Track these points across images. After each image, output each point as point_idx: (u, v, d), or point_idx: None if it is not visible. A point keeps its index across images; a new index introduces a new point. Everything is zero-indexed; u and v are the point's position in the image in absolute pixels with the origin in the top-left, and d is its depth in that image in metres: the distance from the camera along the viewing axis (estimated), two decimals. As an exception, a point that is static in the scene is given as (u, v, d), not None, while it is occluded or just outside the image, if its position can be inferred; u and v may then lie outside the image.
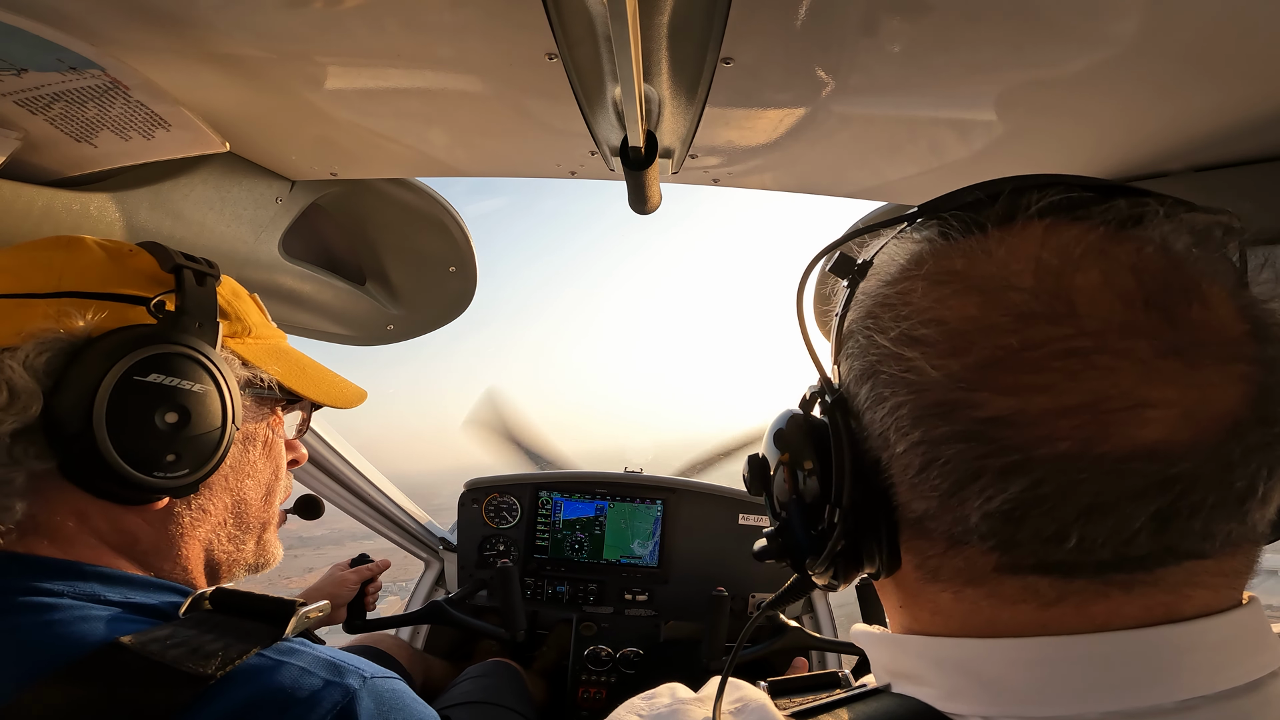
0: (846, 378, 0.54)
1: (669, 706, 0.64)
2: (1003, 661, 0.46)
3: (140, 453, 0.73)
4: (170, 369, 0.75)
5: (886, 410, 0.48)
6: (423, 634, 2.41)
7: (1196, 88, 0.74)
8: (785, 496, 0.57)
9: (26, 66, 0.79)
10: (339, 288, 1.65)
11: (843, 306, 0.57)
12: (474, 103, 1.01)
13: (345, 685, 0.68)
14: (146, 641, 0.64)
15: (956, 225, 0.50)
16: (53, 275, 0.75)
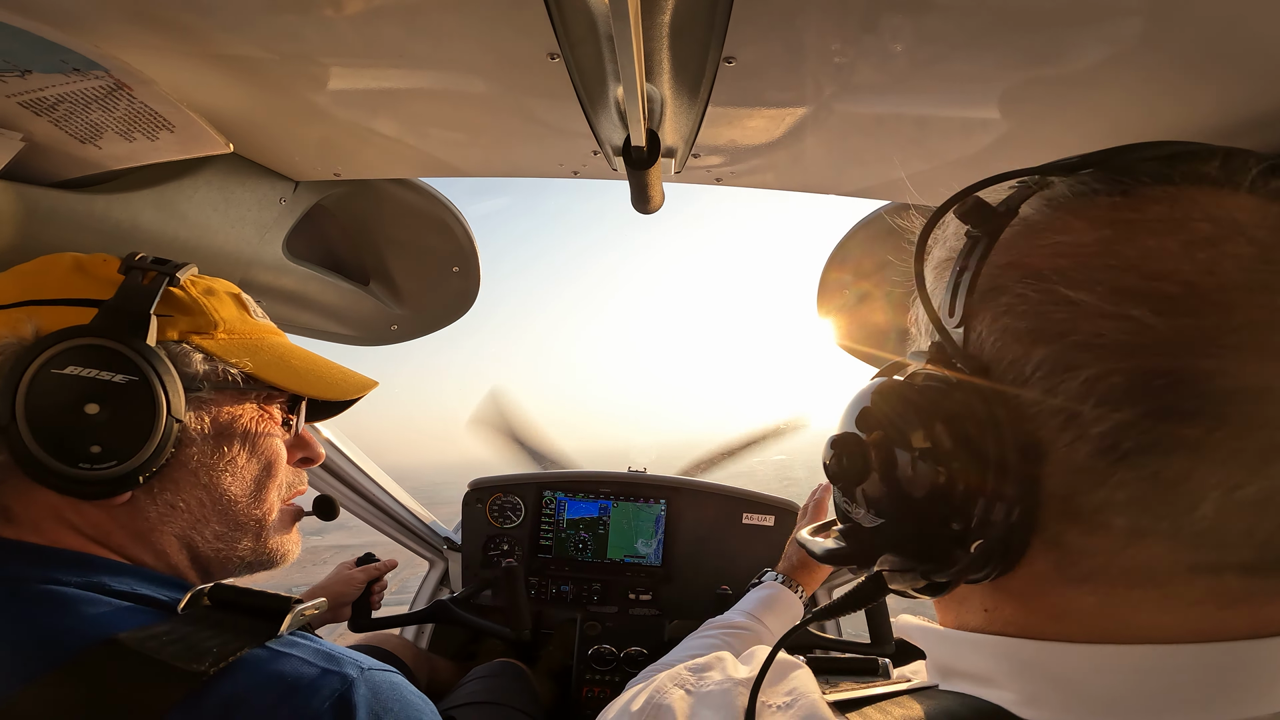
0: (989, 341, 0.47)
1: (720, 685, 0.62)
2: (1163, 669, 0.41)
3: (62, 444, 0.74)
4: (87, 360, 0.75)
5: (1080, 381, 0.41)
6: (427, 634, 2.41)
7: (1202, 84, 0.73)
8: (902, 487, 0.49)
9: (30, 68, 0.79)
10: (343, 288, 1.65)
11: (975, 259, 0.50)
12: (476, 103, 1.01)
13: (343, 674, 0.69)
14: (144, 638, 0.65)
15: (1151, 178, 0.46)
16: (16, 287, 0.79)
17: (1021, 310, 0.46)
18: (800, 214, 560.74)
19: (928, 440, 0.48)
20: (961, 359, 0.48)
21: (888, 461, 0.50)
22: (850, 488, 0.53)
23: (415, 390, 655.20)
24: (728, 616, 1.37)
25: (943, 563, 0.48)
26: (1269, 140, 0.76)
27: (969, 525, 0.46)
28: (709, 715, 0.59)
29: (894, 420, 0.50)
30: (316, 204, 1.44)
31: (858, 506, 0.53)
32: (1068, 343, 0.42)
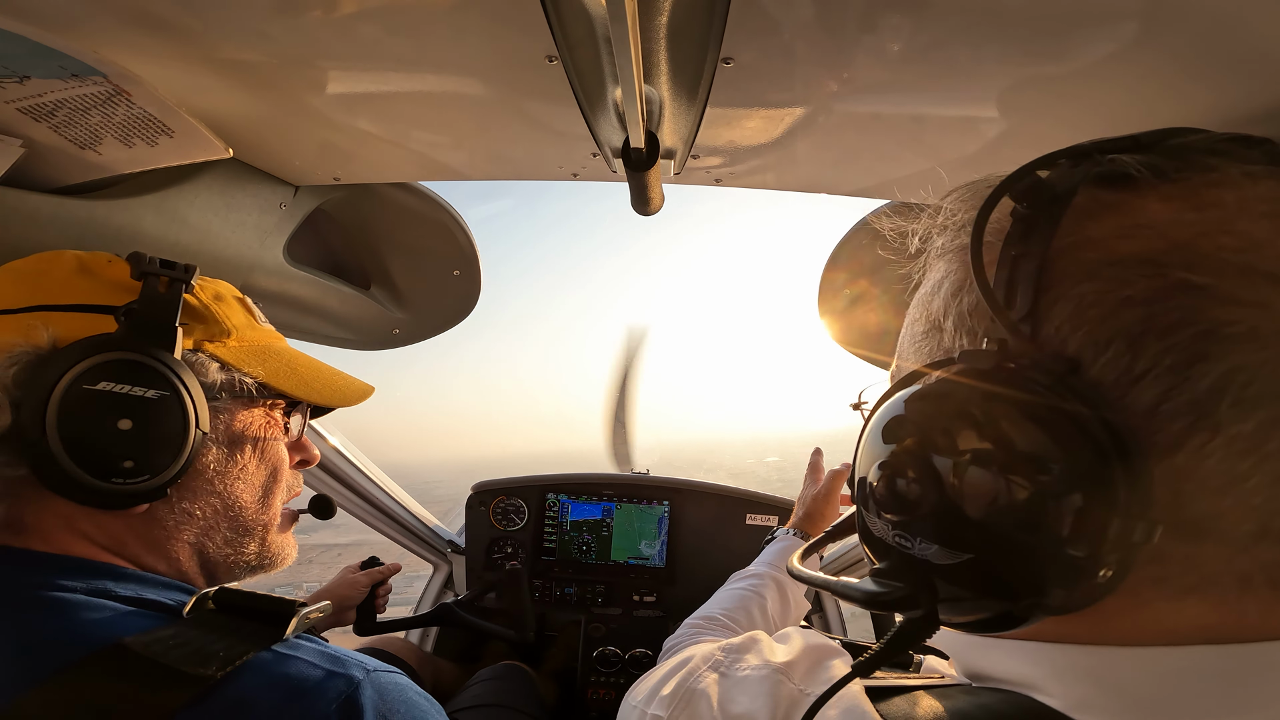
0: (1075, 335, 0.41)
1: (757, 670, 0.60)
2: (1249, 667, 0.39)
3: (96, 459, 0.73)
4: (120, 376, 0.75)
5: (1213, 376, 0.37)
6: (432, 637, 2.41)
7: (1199, 81, 0.73)
8: (985, 513, 0.41)
9: (29, 73, 0.79)
10: (344, 293, 1.65)
11: (1036, 244, 0.44)
12: (475, 106, 1.01)
13: (349, 676, 0.69)
14: (149, 642, 0.65)
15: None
16: (23, 290, 0.77)
17: (1123, 297, 0.40)
18: (802, 213, 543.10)
19: (1017, 455, 0.40)
20: (1041, 356, 0.41)
21: (965, 484, 0.42)
22: (912, 518, 0.45)
23: (410, 388, 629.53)
24: (752, 568, 1.38)
25: (1031, 608, 0.42)
26: (1265, 133, 0.76)
27: (1070, 567, 0.39)
28: (745, 701, 0.57)
29: (968, 431, 0.42)
30: (317, 208, 1.44)
31: (920, 541, 0.44)
32: (1193, 333, 0.38)
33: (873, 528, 0.48)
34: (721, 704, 0.59)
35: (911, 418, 0.46)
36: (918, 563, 0.44)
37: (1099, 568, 0.39)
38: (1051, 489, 0.39)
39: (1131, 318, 0.40)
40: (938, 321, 0.52)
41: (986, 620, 0.44)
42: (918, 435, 0.45)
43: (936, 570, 0.44)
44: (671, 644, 1.15)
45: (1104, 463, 0.38)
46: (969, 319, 0.49)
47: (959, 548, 0.42)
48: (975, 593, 0.43)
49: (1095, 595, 0.40)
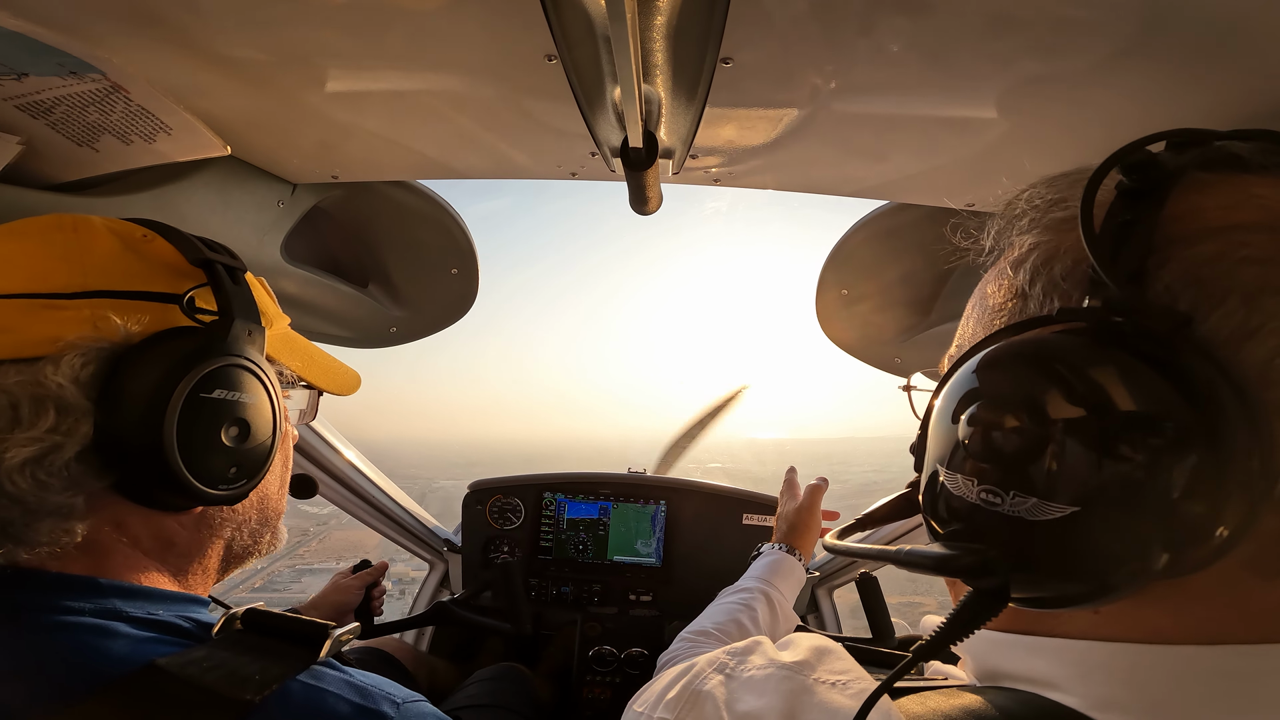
0: (1186, 293, 0.41)
1: (763, 670, 0.60)
2: None
3: (207, 468, 0.71)
4: (231, 384, 0.73)
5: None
6: (427, 636, 2.41)
7: (1200, 81, 0.74)
8: (1087, 468, 0.39)
9: (27, 71, 0.79)
10: (342, 291, 1.65)
11: (1145, 211, 0.44)
12: (474, 105, 1.01)
13: (380, 713, 0.67)
14: (184, 664, 0.63)
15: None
16: (74, 270, 0.69)
17: (1241, 257, 0.40)
18: (800, 215, 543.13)
19: (1129, 405, 0.39)
20: (1152, 311, 0.41)
21: (1072, 434, 0.40)
22: (1007, 472, 0.43)
23: (403, 387, 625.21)
24: (741, 583, 1.39)
25: (1137, 571, 0.40)
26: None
27: (1189, 522, 0.38)
28: (752, 700, 0.57)
29: (1075, 382, 0.41)
30: (315, 206, 1.44)
31: (1015, 495, 0.42)
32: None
33: (953, 489, 0.47)
34: (728, 704, 0.58)
35: (1005, 370, 0.45)
36: (1006, 521, 0.43)
37: (1216, 525, 0.38)
38: (1165, 441, 0.38)
39: (1248, 275, 0.40)
40: (1022, 290, 0.51)
41: (1068, 592, 0.43)
42: (1014, 386, 0.44)
43: (1028, 529, 0.42)
44: (666, 659, 1.15)
45: (1220, 415, 0.38)
46: (1063, 283, 0.48)
47: (1060, 499, 0.41)
48: (1069, 554, 0.42)
49: (1203, 562, 0.39)
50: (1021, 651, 0.49)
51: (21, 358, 0.64)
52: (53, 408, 0.64)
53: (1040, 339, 0.44)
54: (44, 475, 0.64)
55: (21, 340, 0.65)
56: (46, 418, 0.64)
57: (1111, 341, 0.41)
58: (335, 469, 2.10)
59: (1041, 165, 0.52)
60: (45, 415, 0.64)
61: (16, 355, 0.64)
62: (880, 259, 1.62)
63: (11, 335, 0.64)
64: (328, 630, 0.72)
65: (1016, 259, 0.53)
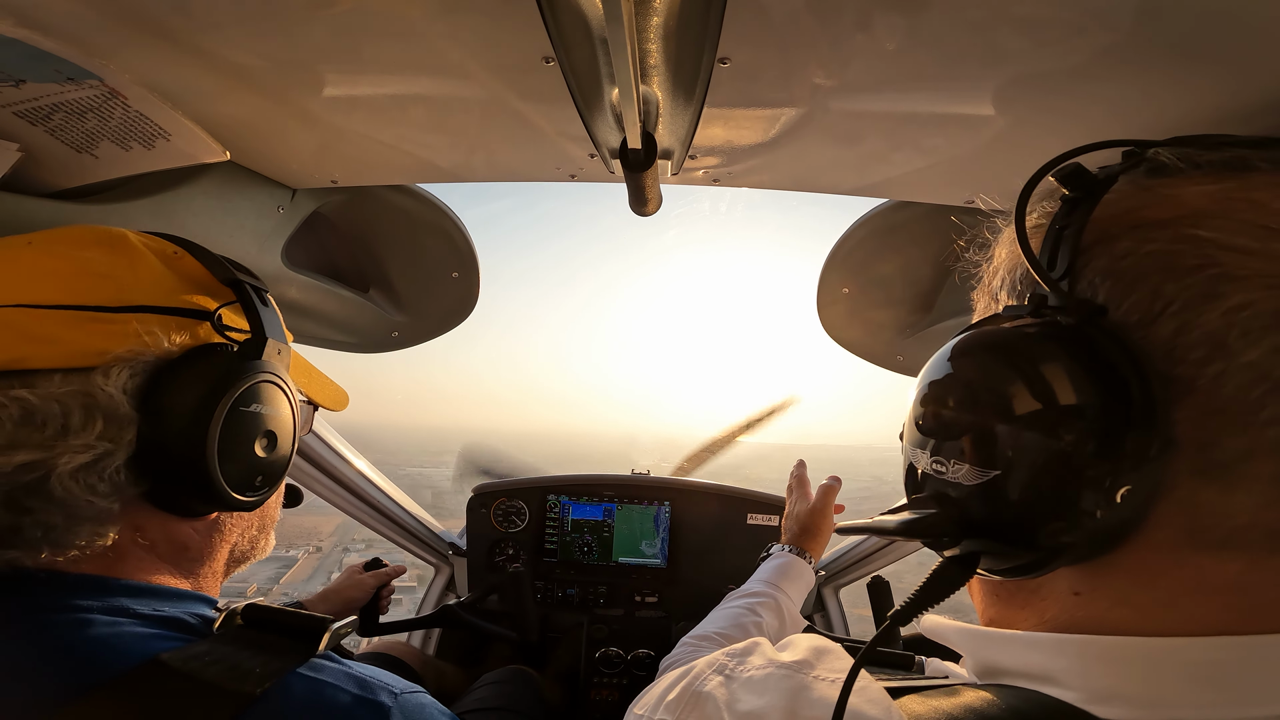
0: (1104, 286, 0.47)
1: (762, 670, 0.60)
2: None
3: (239, 477, 0.76)
4: (264, 398, 0.78)
5: (1222, 310, 0.41)
6: (434, 639, 2.41)
7: (1198, 75, 0.73)
8: (1017, 439, 0.45)
9: (25, 77, 0.79)
10: (343, 296, 1.65)
11: (1078, 217, 0.49)
12: (472, 108, 1.01)
13: (378, 703, 0.68)
14: (186, 658, 0.64)
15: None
16: (114, 285, 0.72)
17: (1146, 252, 0.45)
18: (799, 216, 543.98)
19: (1048, 385, 0.45)
20: (1071, 303, 0.46)
21: (1000, 410, 0.46)
22: (950, 441, 0.50)
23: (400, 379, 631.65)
24: (748, 586, 1.39)
25: (1058, 531, 0.45)
26: (1266, 127, 0.76)
27: (1093, 485, 0.43)
28: (753, 700, 0.57)
29: (1006, 366, 0.47)
30: (314, 211, 1.44)
31: (956, 463, 0.49)
32: (1206, 276, 0.42)
33: (913, 462, 0.54)
34: (729, 704, 0.59)
35: (953, 358, 0.52)
36: (950, 485, 0.50)
37: (1118, 485, 0.43)
38: (1075, 413, 0.43)
39: (1152, 266, 0.45)
40: (996, 294, 0.59)
41: (1021, 559, 0.48)
42: (957, 371, 0.51)
43: (967, 493, 0.48)
44: (669, 663, 1.15)
45: (1124, 386, 0.43)
46: (1019, 285, 0.55)
47: (986, 464, 0.47)
48: (1005, 518, 0.47)
49: (1126, 525, 0.44)
50: (1018, 646, 0.51)
51: (71, 368, 0.67)
52: (101, 416, 0.67)
53: (981, 332, 0.51)
54: (94, 481, 0.67)
55: (70, 351, 0.67)
56: (95, 426, 0.66)
57: (1037, 331, 0.47)
58: (341, 475, 2.10)
59: (1039, 161, 0.54)
60: (95, 423, 0.66)
61: (66, 365, 0.67)
62: (881, 257, 1.61)
63: (60, 346, 0.67)
64: (326, 624, 0.74)
65: (994, 268, 0.60)
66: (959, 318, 1.52)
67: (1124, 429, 0.42)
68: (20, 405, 0.64)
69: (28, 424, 0.65)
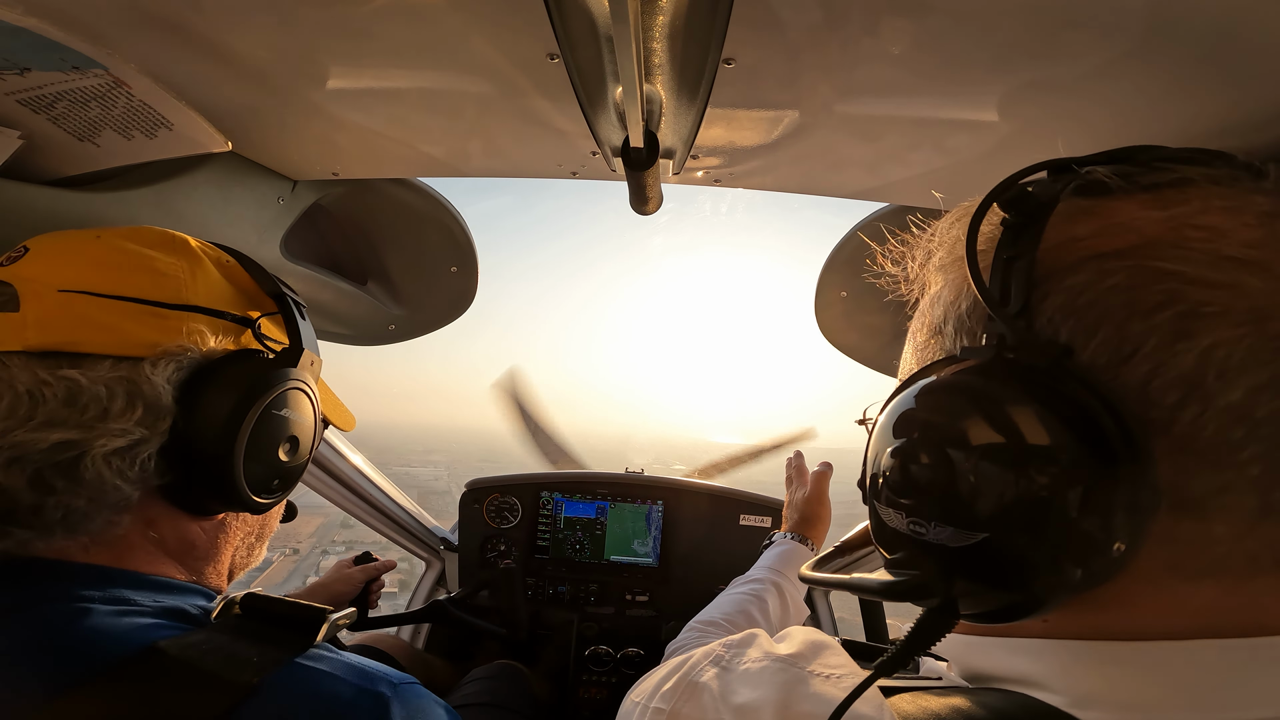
0: (1066, 324, 0.44)
1: (758, 663, 0.60)
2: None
3: (261, 479, 0.79)
4: (293, 405, 0.82)
5: (1197, 352, 0.40)
6: (424, 634, 2.41)
7: (1201, 85, 0.74)
8: (996, 495, 0.42)
9: (30, 65, 0.79)
10: (341, 288, 1.65)
11: (1026, 245, 0.47)
12: (475, 103, 1.01)
13: (377, 693, 0.69)
14: (184, 647, 0.64)
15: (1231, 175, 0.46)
16: (173, 284, 0.76)
17: (1107, 286, 0.43)
18: (803, 215, 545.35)
19: (1035, 440, 0.41)
20: (1036, 345, 0.44)
21: (987, 470, 0.43)
22: (930, 503, 0.46)
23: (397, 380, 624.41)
24: (753, 573, 1.40)
25: (1051, 584, 0.43)
26: (1271, 137, 0.76)
27: (1087, 538, 0.41)
28: (747, 692, 0.57)
29: (987, 420, 0.43)
30: (314, 203, 1.43)
31: (935, 525, 0.46)
32: (1173, 314, 0.41)
33: (887, 521, 0.50)
34: (724, 695, 0.59)
35: (919, 409, 0.48)
36: (932, 548, 0.46)
37: (1112, 540, 0.40)
38: (1055, 465, 0.41)
39: (1116, 303, 0.43)
40: (938, 328, 0.55)
41: (1006, 607, 0.45)
42: (926, 424, 0.47)
43: (952, 555, 0.45)
44: (674, 648, 1.16)
45: (1103, 436, 0.40)
46: (968, 320, 0.52)
47: (972, 528, 0.43)
48: (992, 574, 0.44)
49: (1110, 571, 0.42)
50: (1000, 652, 0.51)
51: (123, 356, 0.70)
52: (142, 405, 0.69)
53: (943, 380, 0.48)
54: (125, 466, 0.69)
55: (125, 340, 0.70)
56: (135, 413, 0.69)
57: (1003, 377, 0.44)
58: (336, 469, 2.10)
59: None
60: (135, 410, 0.69)
61: (119, 353, 0.70)
62: (880, 262, 1.61)
63: (115, 334, 0.70)
64: (325, 615, 0.74)
65: (932, 296, 0.57)
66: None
67: (1114, 480, 0.40)
68: (67, 385, 0.67)
69: (71, 404, 0.67)
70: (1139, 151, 0.49)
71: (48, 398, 0.66)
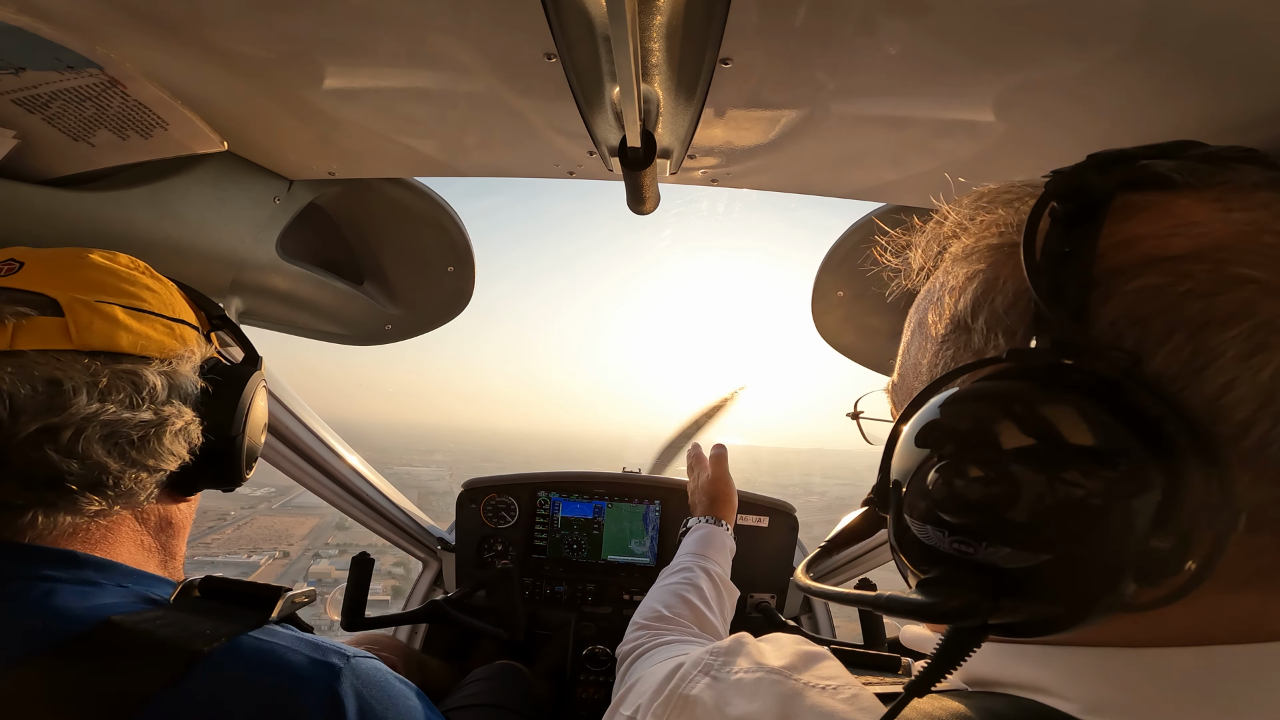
0: (1131, 331, 0.42)
1: (750, 673, 0.59)
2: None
3: (249, 457, 0.94)
4: (262, 395, 0.97)
5: (1273, 369, 0.38)
6: (420, 634, 2.40)
7: (1197, 86, 0.74)
8: (1057, 512, 0.39)
9: (25, 65, 0.79)
10: (337, 288, 1.65)
11: (1081, 242, 0.45)
12: (472, 103, 1.01)
13: (329, 663, 0.72)
14: (139, 620, 0.68)
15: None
16: (166, 300, 0.85)
17: (1181, 292, 0.41)
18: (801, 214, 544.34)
19: (1094, 451, 0.39)
20: (1102, 352, 0.41)
21: (1039, 483, 0.40)
22: (977, 522, 0.42)
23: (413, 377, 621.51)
24: (679, 562, 1.44)
25: (1111, 604, 0.40)
26: (1260, 139, 0.76)
27: (1147, 552, 0.39)
28: (743, 704, 0.56)
29: (1040, 430, 0.40)
30: (311, 203, 1.43)
31: (987, 545, 0.41)
32: (1251, 325, 0.39)
33: (921, 536, 0.45)
34: (719, 707, 0.58)
35: (967, 418, 0.44)
36: (981, 568, 0.42)
37: (1185, 559, 0.38)
38: (1126, 485, 0.38)
39: (1191, 310, 0.40)
40: (964, 322, 0.52)
41: (1049, 622, 0.42)
42: (978, 436, 0.43)
43: (1004, 575, 0.41)
44: (626, 650, 1.12)
45: (1173, 454, 0.38)
46: (1005, 318, 0.48)
47: (1034, 549, 0.40)
48: (1048, 595, 0.41)
49: (1183, 589, 0.39)
50: (1008, 658, 0.49)
51: (151, 356, 0.80)
52: (178, 396, 0.81)
53: (997, 390, 0.44)
54: (182, 443, 0.82)
55: (150, 343, 0.80)
56: (179, 400, 0.82)
57: (1065, 387, 0.41)
58: (333, 469, 2.09)
59: (1040, 168, 0.53)
60: (176, 398, 0.81)
61: (147, 354, 0.79)
62: (877, 261, 1.61)
63: (143, 338, 0.79)
64: (280, 592, 0.79)
65: (954, 286, 0.53)
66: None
67: (1184, 498, 0.38)
68: (131, 378, 0.76)
69: (138, 391, 0.77)
70: (1191, 146, 0.47)
71: (120, 386, 0.75)
